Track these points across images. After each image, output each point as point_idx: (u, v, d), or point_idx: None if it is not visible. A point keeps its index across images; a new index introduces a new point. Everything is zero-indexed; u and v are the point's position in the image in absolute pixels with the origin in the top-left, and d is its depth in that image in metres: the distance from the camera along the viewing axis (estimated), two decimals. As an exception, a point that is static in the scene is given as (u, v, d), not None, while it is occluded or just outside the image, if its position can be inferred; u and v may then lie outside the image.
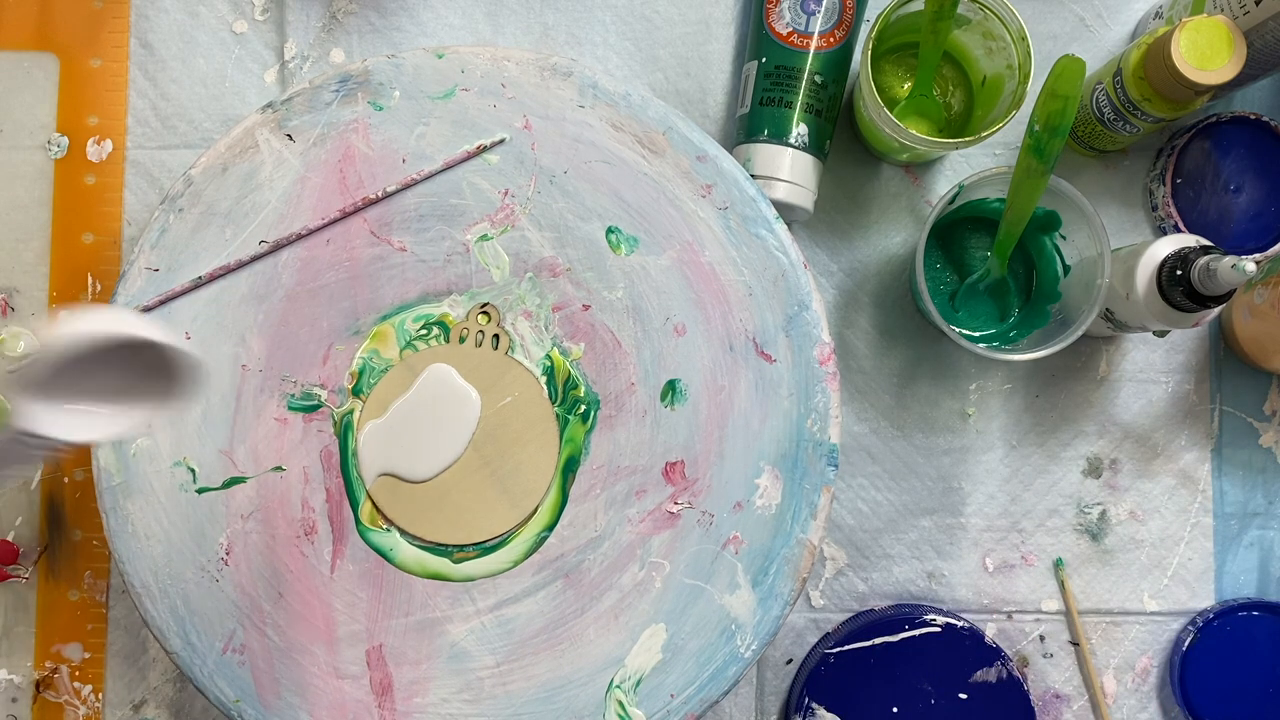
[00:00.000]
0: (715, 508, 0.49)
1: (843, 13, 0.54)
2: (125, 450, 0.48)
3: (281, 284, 0.49)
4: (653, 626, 0.48)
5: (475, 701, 0.48)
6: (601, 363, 0.49)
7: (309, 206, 0.49)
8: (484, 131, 0.49)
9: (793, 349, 0.49)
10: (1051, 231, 0.54)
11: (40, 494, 0.57)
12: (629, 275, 0.49)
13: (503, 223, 0.49)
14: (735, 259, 0.49)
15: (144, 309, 0.48)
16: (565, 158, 0.49)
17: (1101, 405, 0.59)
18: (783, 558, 0.48)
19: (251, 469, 0.49)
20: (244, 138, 0.49)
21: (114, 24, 0.58)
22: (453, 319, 0.49)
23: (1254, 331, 0.56)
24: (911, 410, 0.58)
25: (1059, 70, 0.45)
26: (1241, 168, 0.58)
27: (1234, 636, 0.57)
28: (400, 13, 0.58)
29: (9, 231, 0.58)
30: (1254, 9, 0.49)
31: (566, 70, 0.49)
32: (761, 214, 0.49)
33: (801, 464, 0.49)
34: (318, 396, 0.49)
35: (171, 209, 0.49)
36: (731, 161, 0.50)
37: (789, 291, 0.49)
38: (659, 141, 0.49)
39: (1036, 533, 0.58)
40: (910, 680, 0.56)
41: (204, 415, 0.49)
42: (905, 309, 0.59)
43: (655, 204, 0.49)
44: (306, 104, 0.49)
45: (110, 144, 0.58)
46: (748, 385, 0.49)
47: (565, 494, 0.49)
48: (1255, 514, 0.59)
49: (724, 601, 0.48)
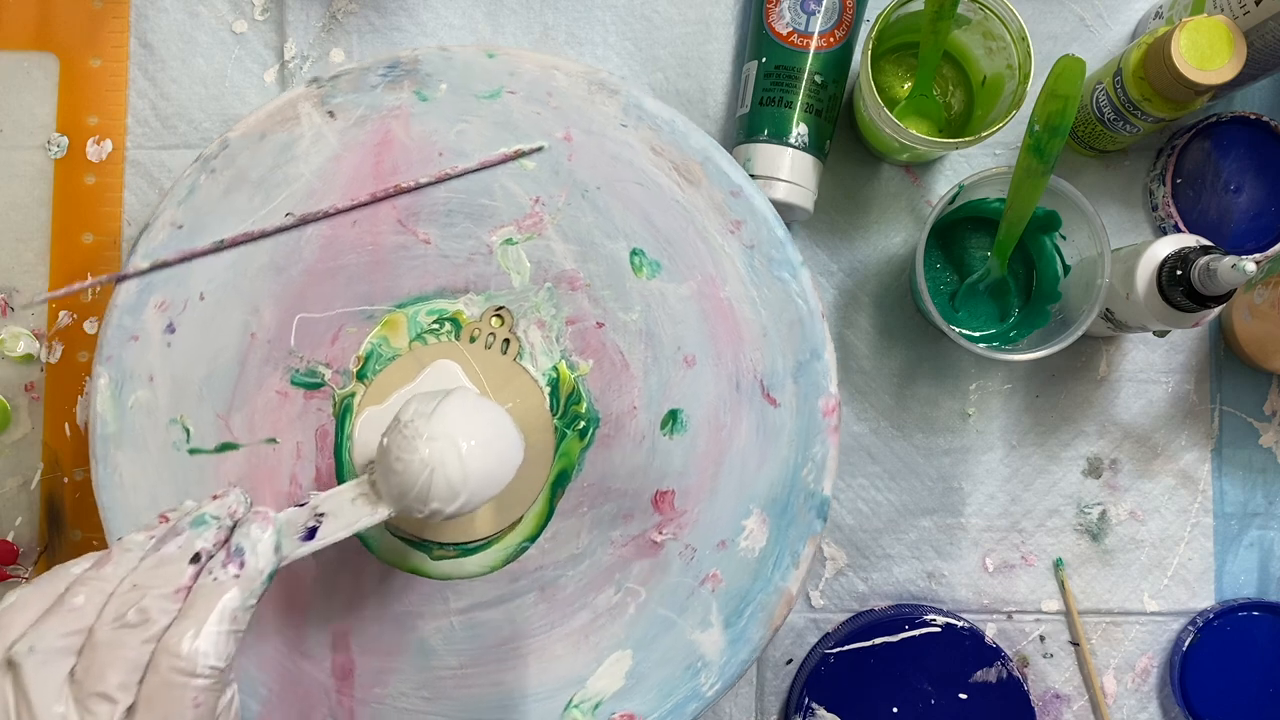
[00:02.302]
0: (699, 543, 0.48)
1: (843, 13, 0.54)
2: (124, 399, 0.48)
3: (302, 259, 0.49)
4: (620, 652, 0.48)
5: (433, 700, 0.48)
6: (607, 382, 0.49)
7: (340, 186, 0.49)
8: (524, 136, 0.49)
9: (799, 396, 0.48)
10: (1051, 231, 0.54)
11: (40, 494, 0.57)
12: (647, 299, 0.49)
13: (530, 229, 0.49)
14: (755, 298, 0.49)
15: (164, 264, 0.48)
16: (601, 174, 0.49)
17: (1101, 405, 0.59)
18: (759, 603, 0.48)
19: (246, 437, 0.48)
20: (286, 108, 0.49)
21: (114, 24, 0.58)
22: (466, 317, 0.49)
23: (1254, 331, 0.56)
24: (911, 410, 0.58)
25: (1059, 70, 0.45)
26: (1241, 168, 0.58)
27: (1234, 636, 0.57)
28: (400, 13, 0.58)
29: (9, 231, 0.58)
30: (1254, 9, 0.49)
31: (614, 88, 0.49)
32: (787, 257, 0.49)
33: (791, 512, 0.48)
34: (322, 375, 0.49)
35: (204, 168, 0.48)
36: (764, 201, 0.49)
37: (803, 338, 0.48)
38: (695, 171, 0.49)
39: (1036, 533, 0.58)
40: (910, 680, 0.56)
41: (207, 377, 0.48)
42: (905, 309, 0.59)
43: (683, 232, 0.49)
44: (352, 84, 0.49)
45: (110, 144, 0.58)
46: (749, 425, 0.48)
47: (552, 507, 0.49)
48: (1255, 514, 0.59)
49: (694, 637, 0.48)
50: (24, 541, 0.57)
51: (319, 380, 0.49)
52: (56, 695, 0.32)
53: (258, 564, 0.35)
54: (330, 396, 0.49)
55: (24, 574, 0.57)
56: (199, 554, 0.35)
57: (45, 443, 0.58)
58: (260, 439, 0.48)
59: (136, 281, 0.48)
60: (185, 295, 0.48)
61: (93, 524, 0.57)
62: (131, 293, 0.48)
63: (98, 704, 0.32)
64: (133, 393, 0.48)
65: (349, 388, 0.49)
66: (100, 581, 0.34)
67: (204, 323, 0.48)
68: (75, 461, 0.57)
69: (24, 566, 0.57)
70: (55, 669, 0.32)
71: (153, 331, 0.48)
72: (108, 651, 0.32)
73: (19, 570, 0.57)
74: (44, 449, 0.58)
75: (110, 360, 0.47)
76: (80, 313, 0.58)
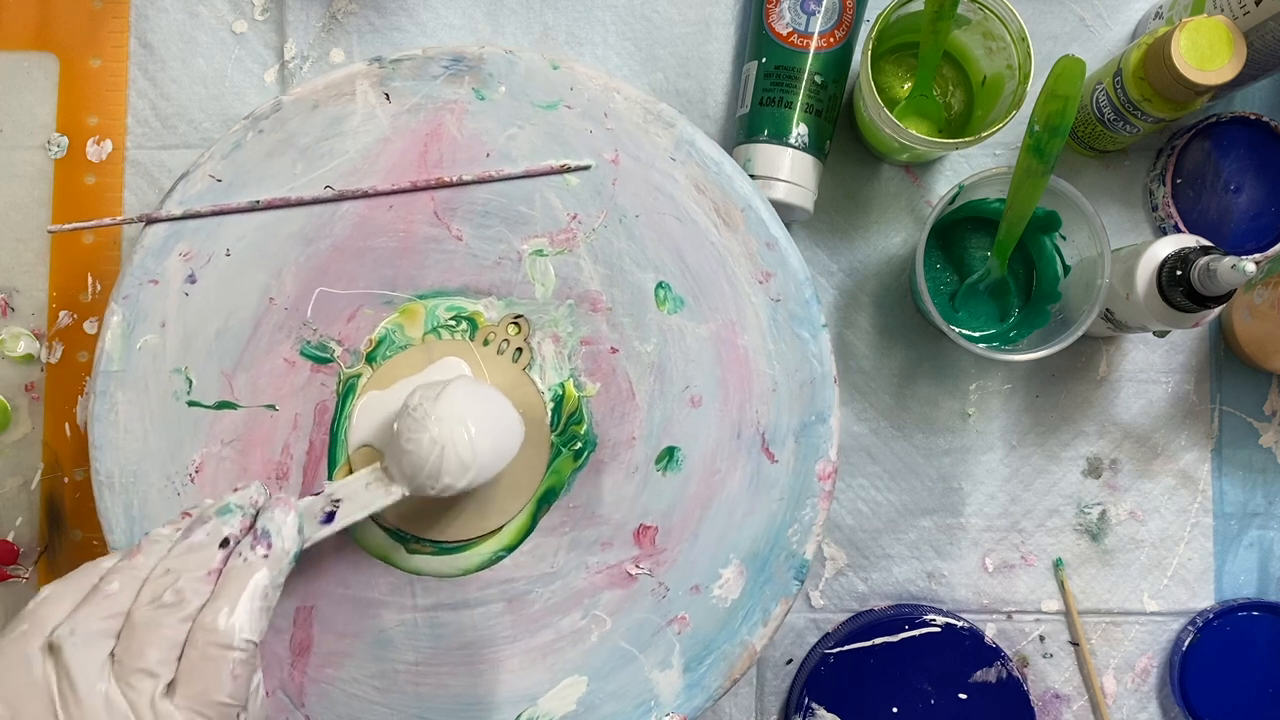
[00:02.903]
0: (673, 583, 0.48)
1: (843, 13, 0.54)
2: (133, 340, 0.48)
3: (333, 233, 0.49)
4: (576, 677, 0.48)
5: (384, 691, 0.48)
6: (611, 408, 0.49)
7: (383, 168, 0.49)
8: (573, 152, 0.49)
9: (798, 456, 0.48)
10: (1051, 231, 0.54)
11: (40, 494, 0.57)
12: (664, 333, 0.49)
13: (562, 244, 0.49)
14: (771, 351, 0.49)
15: (196, 214, 0.48)
16: (642, 202, 0.49)
17: (1101, 405, 0.59)
18: (722, 653, 0.48)
19: (246, 399, 0.48)
20: (344, 83, 0.49)
21: (114, 24, 0.58)
22: (484, 319, 0.49)
23: (1254, 331, 0.56)
24: (911, 410, 0.58)
25: (1059, 70, 0.45)
26: (1241, 168, 0.58)
27: (1234, 636, 0.57)
28: (400, 13, 0.58)
29: (9, 231, 0.58)
30: (1254, 9, 0.49)
31: (670, 121, 0.49)
32: (811, 316, 0.49)
33: (770, 569, 0.48)
34: (332, 351, 0.49)
35: (253, 127, 0.48)
36: (798, 259, 0.49)
37: (812, 400, 0.48)
38: (735, 216, 0.49)
39: (1036, 533, 0.58)
40: (910, 680, 0.56)
41: (219, 333, 0.48)
42: (905, 309, 0.59)
43: (713, 274, 0.49)
44: (413, 71, 0.49)
45: (110, 144, 0.58)
46: (743, 476, 0.48)
47: (534, 522, 0.49)
48: (1255, 514, 0.59)
49: (651, 676, 0.48)
50: (24, 541, 0.57)
51: (328, 355, 0.49)
52: (99, 674, 0.33)
53: (284, 545, 0.37)
54: (336, 374, 0.49)
55: (24, 574, 0.57)
56: (227, 539, 0.37)
57: (45, 443, 0.58)
58: (260, 403, 0.49)
59: (165, 227, 0.48)
60: (211, 249, 0.48)
61: (92, 524, 0.57)
62: (159, 236, 0.48)
63: (140, 679, 0.33)
64: (143, 336, 0.48)
65: (356, 368, 0.49)
66: (133, 569, 0.35)
67: (225, 279, 0.48)
68: (75, 461, 0.57)
69: (24, 566, 0.57)
70: (97, 650, 0.33)
71: (173, 279, 0.48)
72: (146, 631, 0.34)
73: (19, 570, 0.57)
74: (44, 449, 0.58)
75: (126, 300, 0.48)
76: (80, 313, 0.58)
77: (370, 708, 0.48)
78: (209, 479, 0.48)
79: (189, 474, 0.48)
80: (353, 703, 0.48)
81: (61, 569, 0.57)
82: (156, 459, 0.48)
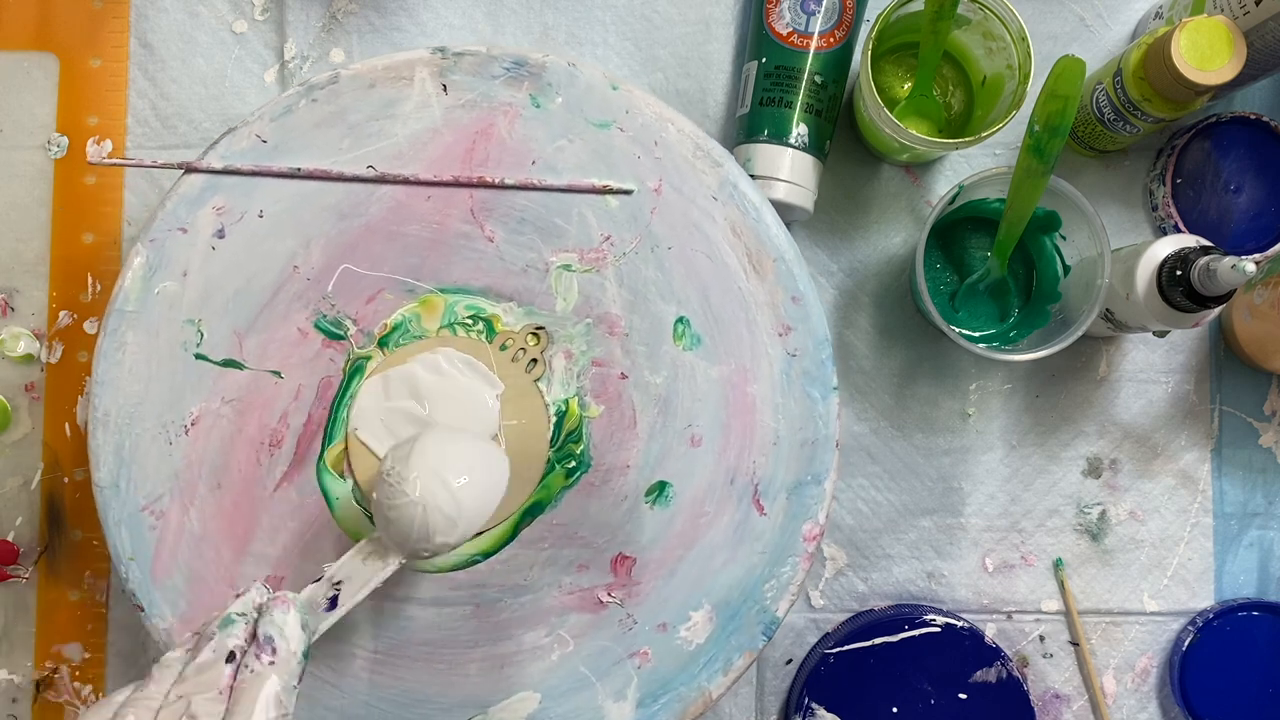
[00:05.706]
0: (642, 617, 0.48)
1: (843, 13, 0.54)
2: (152, 284, 0.48)
3: (368, 213, 0.49)
4: (529, 692, 0.48)
5: (339, 674, 0.48)
6: (610, 433, 0.49)
7: (428, 158, 0.49)
8: (617, 174, 0.49)
9: (787, 513, 0.48)
10: (1051, 231, 0.54)
11: (40, 494, 0.57)
12: (676, 368, 0.49)
13: (591, 262, 0.49)
14: (779, 404, 0.49)
15: (236, 171, 0.48)
16: (676, 235, 0.49)
17: (1101, 405, 0.59)
18: (677, 694, 0.48)
19: (254, 361, 0.49)
20: (403, 67, 0.49)
21: (114, 24, 0.58)
22: (502, 323, 0.49)
23: (1254, 331, 0.56)
24: (911, 410, 0.58)
25: (1059, 70, 0.45)
26: (1241, 168, 0.58)
27: (1234, 636, 0.57)
28: (400, 13, 0.58)
29: (9, 231, 0.58)
30: (1254, 9, 0.49)
31: (719, 160, 0.49)
32: (825, 377, 0.49)
33: (739, 620, 0.48)
34: (347, 328, 0.49)
35: (307, 94, 0.49)
36: (821, 318, 0.49)
37: (811, 461, 0.49)
38: (766, 265, 0.49)
39: (1036, 533, 0.58)
40: (910, 680, 0.56)
41: (237, 292, 0.48)
42: (905, 309, 0.59)
43: (734, 318, 0.49)
44: (474, 67, 0.49)
45: (110, 144, 0.58)
46: (730, 523, 0.48)
47: (516, 532, 0.49)
48: (1255, 514, 0.59)
49: (604, 705, 0.48)
50: (24, 541, 0.57)
51: (342, 332, 0.49)
52: None
53: (289, 647, 0.37)
54: (347, 352, 0.49)
55: (24, 574, 0.57)
56: (233, 652, 0.36)
57: (45, 443, 0.58)
58: (266, 368, 0.49)
59: (203, 178, 0.48)
60: (245, 208, 0.48)
61: (92, 524, 0.57)
62: (196, 186, 0.48)
63: None
64: (163, 281, 0.48)
65: (367, 349, 0.49)
66: (147, 700, 0.35)
67: (254, 240, 0.48)
68: (75, 461, 0.57)
69: (24, 566, 0.57)
70: None
71: (203, 230, 0.48)
72: None
73: (19, 570, 0.57)
74: (44, 449, 0.58)
75: (153, 243, 0.48)
76: (80, 313, 0.58)
77: (322, 686, 0.48)
78: (203, 433, 0.48)
79: (184, 425, 0.48)
80: (307, 680, 0.48)
81: (61, 569, 0.57)
82: (155, 405, 0.48)
